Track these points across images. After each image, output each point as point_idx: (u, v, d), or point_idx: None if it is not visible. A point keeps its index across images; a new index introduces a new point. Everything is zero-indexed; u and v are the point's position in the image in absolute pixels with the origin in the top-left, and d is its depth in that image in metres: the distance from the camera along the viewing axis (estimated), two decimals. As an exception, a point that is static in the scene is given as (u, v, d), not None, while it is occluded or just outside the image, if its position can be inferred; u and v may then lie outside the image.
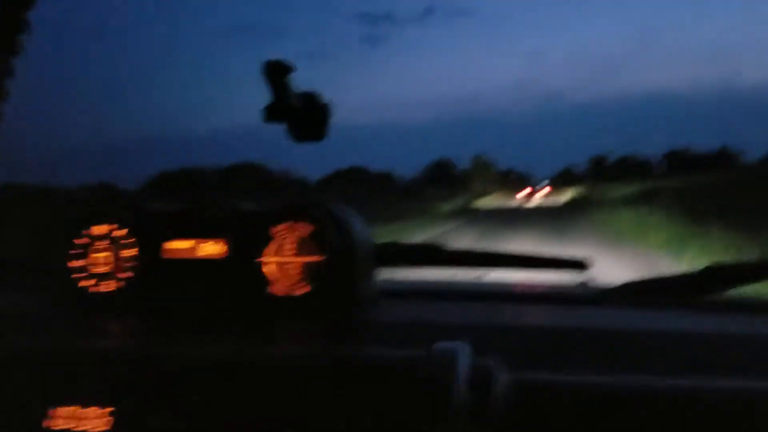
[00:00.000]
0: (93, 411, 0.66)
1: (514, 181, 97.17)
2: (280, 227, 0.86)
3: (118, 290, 0.91)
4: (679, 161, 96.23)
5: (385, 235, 14.37)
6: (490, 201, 58.24)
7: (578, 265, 1.16)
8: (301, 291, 0.85)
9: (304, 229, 0.86)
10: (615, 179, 72.31)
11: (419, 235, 16.10)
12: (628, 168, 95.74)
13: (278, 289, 0.85)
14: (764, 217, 11.96)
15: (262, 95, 0.88)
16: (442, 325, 0.91)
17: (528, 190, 64.21)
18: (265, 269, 0.86)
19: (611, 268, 8.67)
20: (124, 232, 0.92)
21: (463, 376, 0.61)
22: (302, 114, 0.90)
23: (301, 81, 0.89)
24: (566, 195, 62.56)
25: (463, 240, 14.84)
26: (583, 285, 1.26)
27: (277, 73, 0.85)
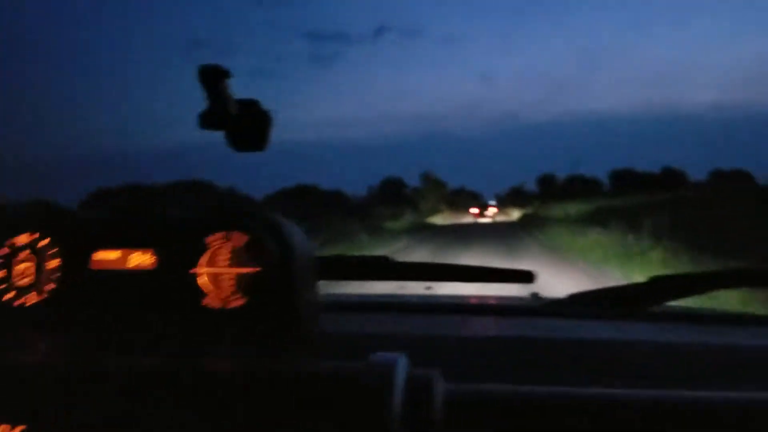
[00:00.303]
0: (3, 429, 0.64)
1: (465, 199, 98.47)
2: (214, 237, 0.84)
3: (41, 303, 0.87)
4: (624, 180, 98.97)
5: (337, 252, 14.76)
6: (442, 218, 59.16)
7: (525, 277, 1.17)
8: (235, 303, 0.82)
9: (239, 239, 0.83)
10: (563, 197, 74.15)
11: (373, 253, 15.91)
12: (576, 187, 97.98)
13: (212, 301, 0.83)
14: (708, 235, 12.79)
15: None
16: (383, 336, 0.91)
17: (478, 208, 65.42)
18: (197, 281, 0.83)
19: (557, 282, 9.32)
20: (47, 241, 0.88)
21: (400, 388, 0.61)
22: (241, 122, 0.88)
23: (249, 97, 0.88)
24: (516, 213, 64.09)
25: (417, 257, 15.31)
26: (531, 297, 1.30)
27: (212, 78, 0.83)
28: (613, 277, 10.68)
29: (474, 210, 63.44)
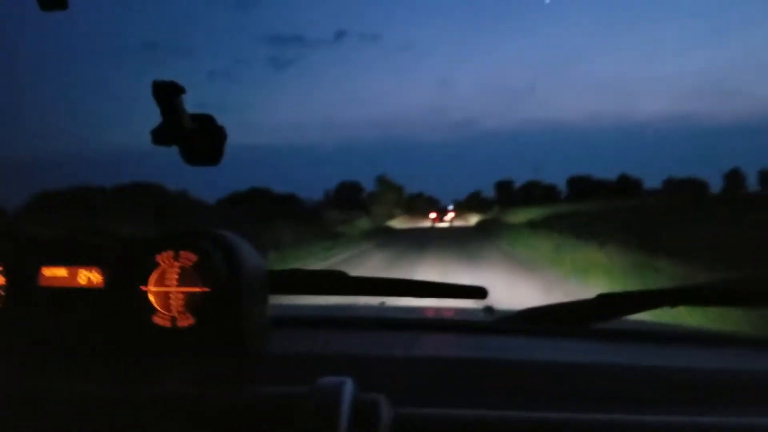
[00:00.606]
0: None
1: (423, 204, 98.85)
2: (163, 256, 0.84)
3: None
4: (581, 187, 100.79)
5: (293, 258, 15.21)
6: (400, 223, 59.34)
7: (477, 293, 1.19)
8: (184, 323, 0.83)
9: (188, 258, 0.84)
10: (521, 204, 75.23)
11: (333, 257, 16.83)
12: (533, 193, 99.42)
13: (160, 320, 0.83)
14: (663, 240, 13.38)
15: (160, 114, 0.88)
16: (331, 357, 0.92)
17: (437, 213, 65.92)
18: (146, 300, 0.83)
19: (511, 288, 9.83)
20: None
21: (345, 413, 0.62)
22: (195, 137, 0.89)
23: (206, 100, 0.94)
24: (474, 218, 64.71)
25: (375, 261, 15.64)
26: (484, 311, 1.34)
27: (166, 94, 0.84)
28: (547, 273, 12.06)
29: (432, 215, 63.86)
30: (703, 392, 0.81)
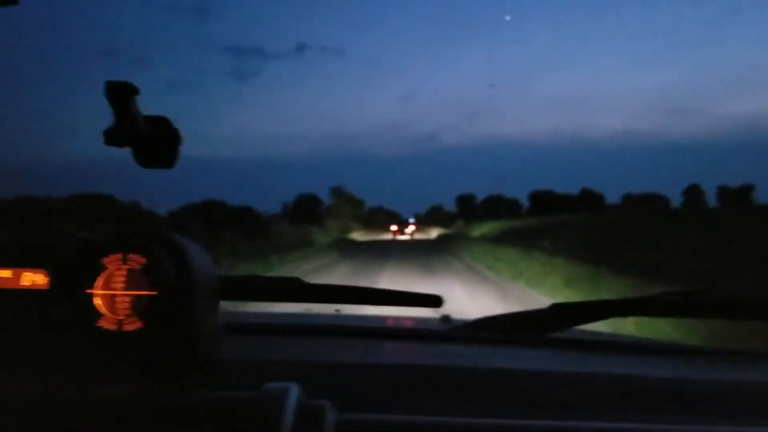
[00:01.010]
0: None
1: (385, 217, 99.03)
2: (110, 258, 0.83)
3: None
4: (543, 202, 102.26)
5: (252, 270, 15.12)
6: (362, 236, 59.36)
7: (433, 301, 1.20)
8: (131, 327, 0.82)
9: (135, 261, 0.83)
10: (483, 217, 75.98)
11: (295, 269, 17.07)
12: (495, 207, 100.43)
13: (107, 323, 0.82)
14: (624, 253, 14.04)
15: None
16: (282, 363, 0.93)
17: (398, 226, 66.11)
18: (92, 302, 0.82)
19: (470, 298, 10.62)
20: None
21: (290, 418, 0.63)
22: (149, 139, 0.89)
23: (165, 110, 0.89)
24: (435, 231, 65.16)
25: (337, 273, 15.96)
26: (441, 320, 1.37)
27: (120, 94, 0.84)
28: (500, 281, 13.56)
29: (394, 227, 64.00)
30: (650, 399, 0.84)
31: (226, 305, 0.99)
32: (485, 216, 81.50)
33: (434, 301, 1.20)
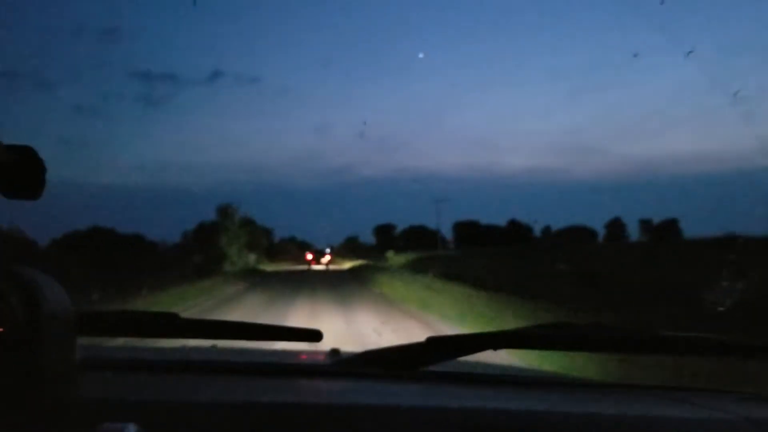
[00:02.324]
0: None
1: (296, 248, 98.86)
2: None
3: None
4: (468, 233, 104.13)
5: (162, 302, 16.15)
6: (276, 266, 58.80)
7: (313, 336, 1.26)
8: None
9: None
10: (400, 248, 76.89)
11: (204, 299, 18.30)
12: (414, 238, 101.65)
13: None
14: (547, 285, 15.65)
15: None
16: (129, 402, 0.89)
17: (313, 254, 65.73)
18: None
19: (363, 302, 13.80)
20: None
21: None
22: (12, 169, 0.86)
23: (70, 135, 0.73)
24: (349, 262, 65.43)
25: (249, 304, 17.32)
26: (329, 354, 1.42)
27: None
28: (404, 307, 16.15)
29: (309, 256, 63.70)
30: None
31: (113, 341, 1.05)
32: (402, 247, 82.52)
33: (314, 335, 1.26)
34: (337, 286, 22.14)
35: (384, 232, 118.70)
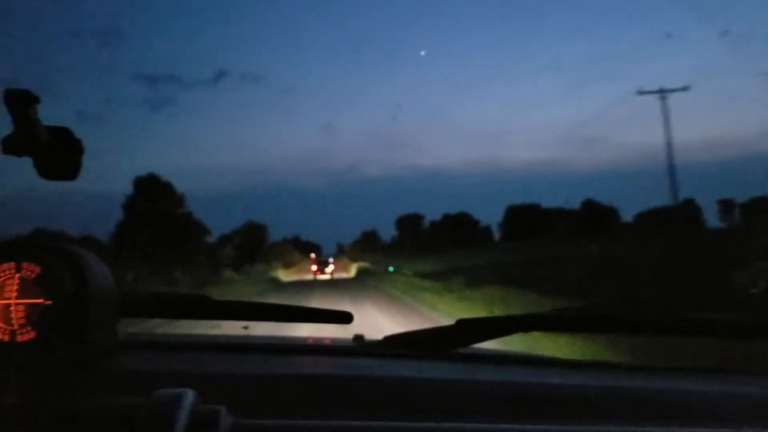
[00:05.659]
0: None
1: (303, 248, 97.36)
2: (3, 267, 0.88)
3: None
4: (525, 219, 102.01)
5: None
6: (284, 274, 57.84)
7: (343, 318, 1.27)
8: (24, 337, 0.86)
9: (29, 270, 0.87)
10: (427, 246, 77.11)
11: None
12: (447, 231, 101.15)
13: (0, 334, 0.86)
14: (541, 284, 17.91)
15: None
16: (179, 373, 0.96)
17: (317, 265, 63.65)
18: None
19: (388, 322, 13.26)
20: None
21: (182, 422, 0.66)
22: (50, 149, 0.93)
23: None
24: (354, 269, 64.47)
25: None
26: (354, 339, 1.43)
27: (19, 102, 0.89)
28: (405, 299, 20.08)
29: (314, 267, 60.56)
30: (537, 404, 0.91)
31: (134, 326, 1.30)
32: (431, 246, 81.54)
33: (344, 317, 1.28)
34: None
35: (408, 224, 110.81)
